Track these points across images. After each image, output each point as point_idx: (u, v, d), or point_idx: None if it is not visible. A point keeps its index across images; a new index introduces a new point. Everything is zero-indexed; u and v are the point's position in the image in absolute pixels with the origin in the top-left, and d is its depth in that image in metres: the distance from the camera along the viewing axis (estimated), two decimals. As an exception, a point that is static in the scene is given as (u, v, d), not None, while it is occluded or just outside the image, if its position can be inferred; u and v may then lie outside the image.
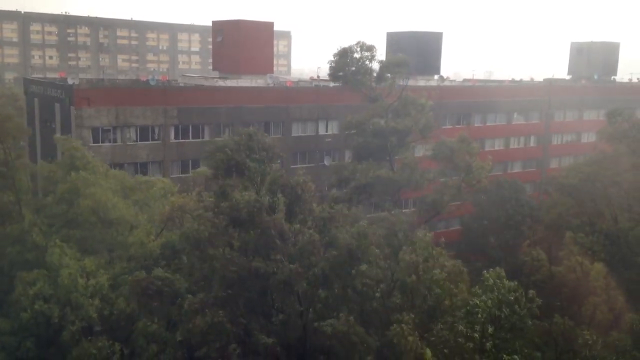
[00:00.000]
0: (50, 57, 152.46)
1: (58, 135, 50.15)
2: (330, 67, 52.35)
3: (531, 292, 24.65)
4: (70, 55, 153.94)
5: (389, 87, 51.42)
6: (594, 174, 45.67)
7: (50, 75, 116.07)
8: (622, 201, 43.29)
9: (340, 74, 51.72)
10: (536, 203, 58.37)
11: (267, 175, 30.48)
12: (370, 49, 51.04)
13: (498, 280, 24.34)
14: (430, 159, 52.06)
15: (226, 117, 53.35)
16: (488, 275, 24.78)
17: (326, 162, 58.68)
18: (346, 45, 51.83)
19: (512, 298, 23.83)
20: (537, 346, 25.68)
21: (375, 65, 51.79)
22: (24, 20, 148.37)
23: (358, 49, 51.06)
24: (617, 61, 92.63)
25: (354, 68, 50.91)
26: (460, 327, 23.51)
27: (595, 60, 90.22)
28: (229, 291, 27.40)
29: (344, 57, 51.09)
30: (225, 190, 29.26)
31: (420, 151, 59.57)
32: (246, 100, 54.48)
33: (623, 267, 39.09)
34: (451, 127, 65.96)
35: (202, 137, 52.28)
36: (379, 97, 50.93)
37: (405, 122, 49.11)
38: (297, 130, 57.72)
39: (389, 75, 51.15)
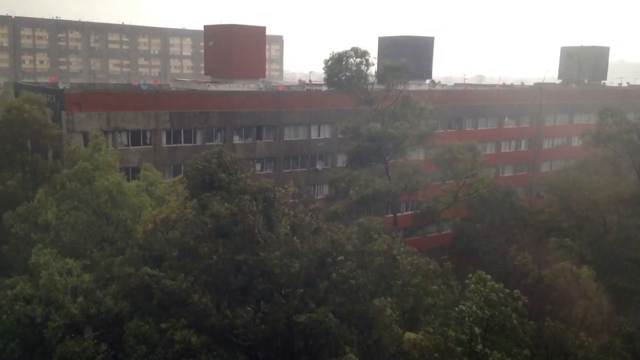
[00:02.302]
0: (41, 62, 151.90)
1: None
2: (325, 73, 52.31)
3: (516, 292, 24.77)
4: (61, 59, 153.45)
5: (386, 91, 51.55)
6: (581, 178, 46.13)
7: (41, 79, 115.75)
8: (610, 204, 43.62)
9: (335, 79, 51.78)
10: (528, 207, 58.68)
11: (240, 185, 31.41)
12: (365, 54, 51.23)
13: (480, 284, 24.48)
14: (429, 162, 52.32)
15: (218, 121, 53.33)
16: (471, 277, 24.99)
17: (318, 167, 58.77)
18: (340, 50, 52.05)
19: (495, 299, 23.96)
20: (528, 348, 25.76)
21: (370, 70, 51.97)
22: (15, 24, 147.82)
23: (353, 54, 51.18)
24: (606, 65, 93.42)
25: (349, 73, 51.01)
26: (450, 332, 23.62)
27: (585, 64, 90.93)
28: (212, 279, 27.92)
29: (339, 62, 51.22)
30: (204, 203, 29.91)
31: (417, 154, 59.78)
32: (238, 104, 54.48)
33: (611, 271, 39.36)
34: (443, 131, 66.18)
35: (194, 142, 52.24)
36: (374, 101, 51.02)
37: (402, 127, 49.24)
38: (289, 135, 57.78)
39: (388, 78, 51.30)
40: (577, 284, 31.17)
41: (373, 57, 51.99)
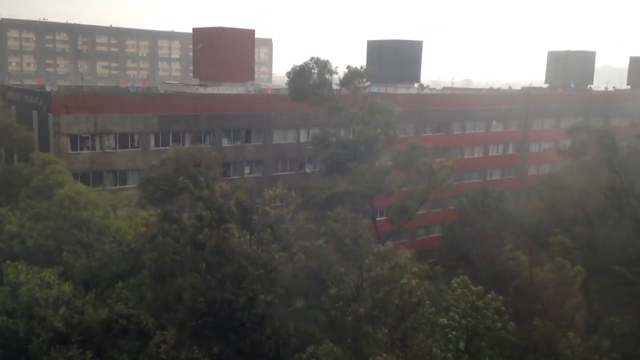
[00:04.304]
0: (28, 64, 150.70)
1: (36, 143, 49.60)
2: (289, 86, 52.18)
3: (491, 292, 24.80)
4: (48, 62, 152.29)
5: (352, 97, 51.79)
6: (568, 182, 46.52)
7: (28, 82, 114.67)
8: (596, 206, 43.94)
9: (300, 92, 51.63)
10: (518, 210, 58.90)
11: (213, 187, 30.53)
12: (325, 64, 51.11)
13: (465, 289, 24.49)
14: (394, 167, 52.72)
15: (207, 124, 53.14)
16: (456, 285, 24.99)
17: (307, 170, 58.73)
18: (302, 62, 51.57)
19: (480, 304, 23.97)
20: (516, 351, 25.81)
21: (335, 77, 52.12)
22: (1, 26, 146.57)
23: (314, 65, 51.08)
24: (593, 70, 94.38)
25: (312, 81, 50.97)
26: (435, 350, 23.44)
27: (571, 69, 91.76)
28: (198, 321, 27.25)
29: (301, 75, 51.01)
30: (172, 216, 29.11)
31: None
32: (227, 107, 54.33)
33: (599, 273, 39.59)
34: (431, 134, 66.50)
35: (183, 145, 51.91)
36: (343, 108, 51.17)
37: (370, 130, 49.57)
38: (278, 138, 57.69)
39: (351, 86, 51.56)
40: (567, 283, 31.37)
41: (335, 66, 51.86)
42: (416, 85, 76.72)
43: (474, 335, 23.87)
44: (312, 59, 51.22)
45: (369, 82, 53.00)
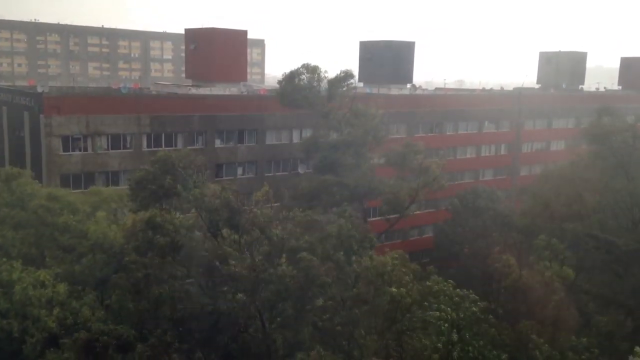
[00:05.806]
0: (19, 65, 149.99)
1: (28, 144, 49.41)
2: (279, 93, 52.72)
3: (470, 291, 25.03)
4: (39, 62, 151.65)
5: (340, 101, 52.18)
6: (567, 179, 46.59)
7: (19, 83, 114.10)
8: (595, 203, 44.07)
9: (290, 98, 52.16)
10: (509, 210, 59.17)
11: (200, 188, 30.62)
12: (315, 70, 51.90)
13: (440, 285, 24.72)
14: (384, 166, 52.99)
15: (199, 125, 53.07)
16: (431, 283, 25.23)
17: (300, 170, 58.76)
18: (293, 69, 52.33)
19: (458, 299, 24.25)
20: (504, 349, 25.96)
21: (322, 84, 52.77)
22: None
23: (304, 71, 51.88)
24: (584, 70, 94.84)
25: (302, 83, 51.62)
26: (424, 341, 23.56)
27: (563, 69, 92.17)
28: (179, 329, 27.26)
29: (290, 81, 51.71)
30: (155, 222, 28.99)
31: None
32: (220, 108, 54.27)
33: (594, 270, 39.76)
34: (424, 135, 66.66)
35: (175, 146, 51.85)
36: (331, 112, 51.56)
37: (357, 132, 50.04)
38: (271, 139, 57.69)
39: (338, 90, 52.04)
40: (554, 284, 31.55)
41: (325, 70, 52.58)
42: (409, 85, 76.88)
43: (463, 328, 24.05)
44: (303, 65, 52.08)
45: (354, 83, 53.46)
